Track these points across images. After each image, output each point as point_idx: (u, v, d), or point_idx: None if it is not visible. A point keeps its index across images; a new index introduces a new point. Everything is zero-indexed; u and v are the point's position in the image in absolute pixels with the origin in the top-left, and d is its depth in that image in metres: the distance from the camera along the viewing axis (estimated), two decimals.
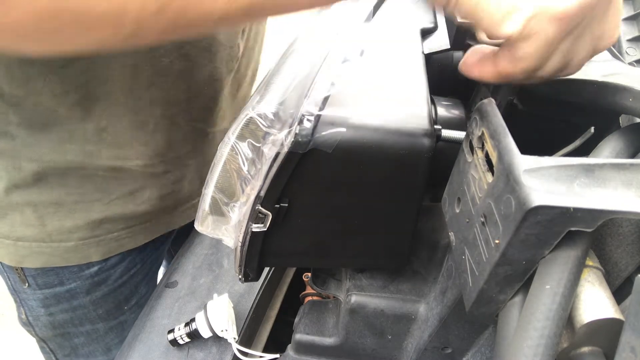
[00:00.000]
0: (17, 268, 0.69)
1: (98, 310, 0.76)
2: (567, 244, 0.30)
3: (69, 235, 0.67)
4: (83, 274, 0.72)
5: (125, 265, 0.76)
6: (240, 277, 0.50)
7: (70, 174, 0.63)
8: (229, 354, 0.62)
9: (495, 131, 0.34)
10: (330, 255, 0.51)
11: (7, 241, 0.66)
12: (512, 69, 0.38)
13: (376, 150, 0.41)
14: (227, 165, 0.44)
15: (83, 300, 0.74)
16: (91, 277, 0.72)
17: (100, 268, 0.73)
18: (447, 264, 0.52)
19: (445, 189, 0.44)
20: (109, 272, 0.74)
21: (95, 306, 0.76)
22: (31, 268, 0.69)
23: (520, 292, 0.33)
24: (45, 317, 0.75)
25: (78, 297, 0.73)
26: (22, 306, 0.75)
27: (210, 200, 0.45)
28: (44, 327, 0.76)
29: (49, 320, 0.75)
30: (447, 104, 0.55)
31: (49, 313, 0.74)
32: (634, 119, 0.43)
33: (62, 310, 0.74)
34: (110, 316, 0.78)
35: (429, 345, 0.52)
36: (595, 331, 0.30)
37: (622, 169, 0.30)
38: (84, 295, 0.73)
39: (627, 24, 0.74)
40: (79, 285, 0.72)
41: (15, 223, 0.64)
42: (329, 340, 0.58)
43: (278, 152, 0.41)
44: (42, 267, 0.69)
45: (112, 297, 0.77)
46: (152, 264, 0.84)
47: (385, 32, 0.61)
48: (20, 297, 0.74)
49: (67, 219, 0.66)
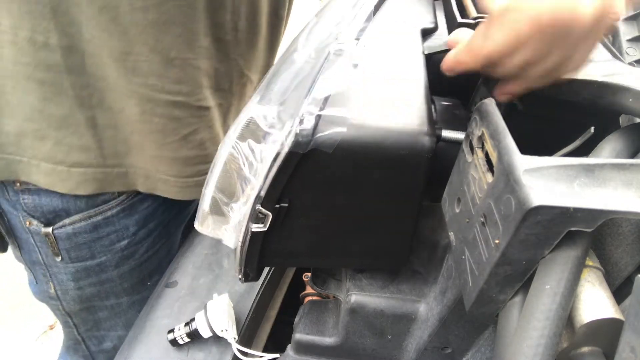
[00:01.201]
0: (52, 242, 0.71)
1: (124, 284, 0.79)
2: (567, 244, 0.30)
3: (122, 161, 0.68)
4: (114, 247, 0.74)
5: (152, 240, 0.79)
6: (240, 277, 0.50)
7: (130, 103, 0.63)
8: (229, 354, 0.62)
9: (495, 131, 0.34)
10: (330, 255, 0.51)
11: (60, 167, 0.65)
12: (479, 49, 0.40)
13: (376, 151, 0.42)
14: (228, 165, 0.44)
15: (111, 273, 0.76)
16: (121, 251, 0.75)
17: (130, 242, 0.75)
18: (447, 264, 0.52)
19: (445, 189, 0.44)
20: (137, 246, 0.77)
21: (122, 280, 0.78)
22: (65, 242, 0.71)
23: (520, 292, 0.33)
24: (74, 291, 0.77)
25: (107, 271, 0.75)
26: (52, 280, 0.76)
27: (210, 200, 0.45)
28: (72, 300, 0.78)
29: (77, 294, 0.77)
30: (447, 104, 0.55)
31: (78, 287, 0.76)
32: (634, 119, 0.44)
33: (91, 284, 0.76)
34: (134, 290, 0.81)
35: (429, 345, 0.53)
36: (595, 331, 0.30)
37: (622, 169, 0.30)
38: (113, 268, 0.76)
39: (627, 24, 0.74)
40: (109, 258, 0.74)
41: (73, 148, 0.65)
42: (329, 340, 0.58)
43: (278, 152, 0.41)
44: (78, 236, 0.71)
45: (138, 272, 0.79)
46: (175, 241, 0.86)
47: (386, 32, 0.61)
48: (50, 272, 0.76)
49: (122, 144, 0.67)
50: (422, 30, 0.62)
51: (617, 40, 0.73)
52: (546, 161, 0.30)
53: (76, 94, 0.61)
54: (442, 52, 0.61)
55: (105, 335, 0.84)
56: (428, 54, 0.59)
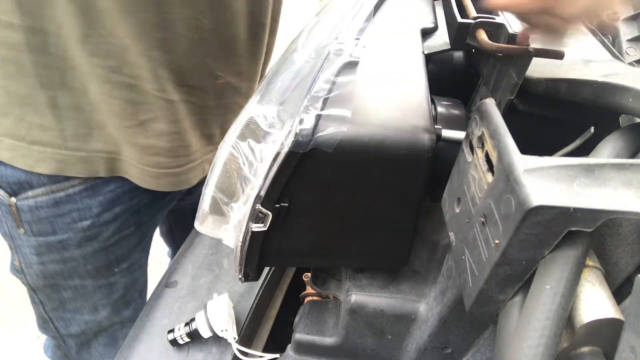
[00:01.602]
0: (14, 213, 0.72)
1: (87, 265, 0.78)
2: (567, 244, 0.30)
3: (83, 145, 0.69)
4: (76, 225, 0.74)
5: (118, 225, 0.78)
6: (240, 277, 0.50)
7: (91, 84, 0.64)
8: (229, 354, 0.62)
9: (495, 131, 0.34)
10: (330, 255, 0.51)
11: (21, 144, 0.67)
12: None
13: (377, 150, 0.42)
14: (228, 165, 0.44)
15: (74, 252, 0.76)
16: (83, 231, 0.75)
17: (93, 223, 0.75)
18: (447, 264, 0.52)
19: (445, 189, 0.44)
20: (101, 229, 0.76)
21: (85, 261, 0.78)
22: (27, 214, 0.72)
23: (520, 292, 0.33)
24: (37, 266, 0.77)
25: (69, 249, 0.76)
26: (17, 252, 0.78)
27: (210, 199, 0.45)
28: (36, 275, 0.79)
29: (40, 269, 0.77)
30: (447, 104, 0.55)
31: (41, 262, 0.76)
32: (634, 119, 0.44)
33: (53, 261, 0.76)
34: (99, 274, 0.80)
35: (429, 345, 0.53)
36: (595, 331, 0.30)
37: (622, 169, 0.30)
38: (75, 247, 0.76)
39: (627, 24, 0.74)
40: (71, 237, 0.75)
41: (33, 126, 0.66)
42: (329, 340, 0.58)
43: (278, 151, 0.41)
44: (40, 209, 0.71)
45: (103, 256, 0.79)
46: (147, 232, 0.86)
47: (386, 32, 0.61)
48: (15, 243, 0.77)
49: (83, 126, 0.68)
50: (422, 30, 0.62)
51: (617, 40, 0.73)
52: (546, 161, 0.30)
53: (38, 73, 0.62)
54: (442, 52, 0.61)
55: (72, 318, 0.85)
56: (428, 54, 0.59)
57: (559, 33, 0.45)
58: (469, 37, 0.56)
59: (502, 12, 0.55)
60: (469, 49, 0.64)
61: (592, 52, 0.59)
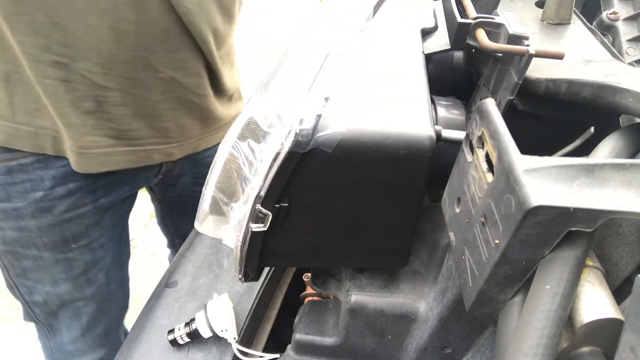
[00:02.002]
0: None
1: (43, 238, 0.82)
2: (567, 244, 0.30)
3: (31, 120, 0.72)
4: (29, 195, 0.78)
5: (73, 201, 0.81)
6: (240, 277, 0.50)
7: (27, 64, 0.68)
8: (229, 354, 0.62)
9: (495, 131, 0.34)
10: (330, 255, 0.51)
11: None
12: None
13: (377, 150, 0.41)
14: (228, 165, 0.44)
15: (29, 222, 0.80)
16: (36, 202, 0.78)
17: (46, 195, 0.78)
18: (447, 264, 0.52)
19: (445, 189, 0.44)
20: (54, 202, 0.79)
21: (41, 233, 0.81)
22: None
23: (520, 292, 0.33)
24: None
25: (24, 218, 0.80)
26: None
27: (210, 200, 0.45)
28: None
29: (0, 234, 0.82)
30: (447, 104, 0.55)
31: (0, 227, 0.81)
32: (634, 119, 0.44)
33: (11, 228, 0.81)
34: (56, 248, 0.84)
35: (429, 345, 0.53)
36: (595, 331, 0.30)
37: (622, 169, 0.30)
38: (29, 218, 0.80)
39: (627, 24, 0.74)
40: (25, 206, 0.78)
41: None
42: (329, 340, 0.58)
43: (278, 151, 0.41)
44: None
45: (58, 230, 0.82)
46: (105, 213, 0.88)
47: (386, 32, 0.61)
48: None
49: (32, 102, 0.71)
50: (422, 30, 0.62)
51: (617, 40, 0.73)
52: (546, 161, 0.30)
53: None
54: (442, 52, 0.61)
55: (34, 286, 0.88)
56: (428, 54, 0.59)
57: None
58: (469, 37, 0.56)
59: (502, 12, 0.55)
60: (469, 49, 0.64)
61: (592, 52, 0.59)
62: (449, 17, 0.62)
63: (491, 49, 0.51)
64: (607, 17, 0.76)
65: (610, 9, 0.77)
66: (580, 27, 0.67)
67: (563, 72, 0.50)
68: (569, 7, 0.68)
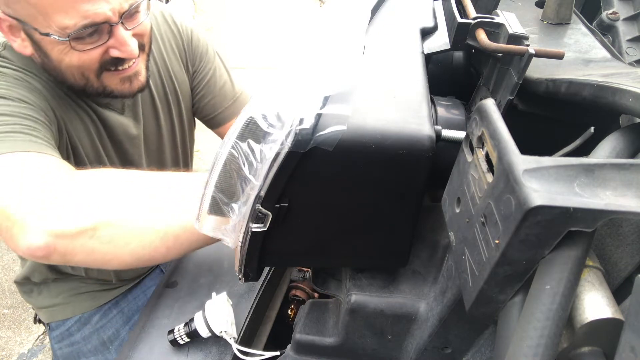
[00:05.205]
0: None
1: (87, 345, 1.07)
2: (567, 244, 0.30)
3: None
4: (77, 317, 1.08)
5: (102, 312, 1.09)
6: (241, 277, 0.50)
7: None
8: (229, 354, 0.62)
9: (495, 131, 0.34)
10: (330, 255, 0.51)
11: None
12: None
13: (377, 150, 0.41)
14: (227, 165, 0.44)
15: (76, 337, 1.08)
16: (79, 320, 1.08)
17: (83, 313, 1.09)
18: (447, 264, 0.52)
19: (445, 189, 0.44)
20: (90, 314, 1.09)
21: (85, 342, 1.07)
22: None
23: (520, 292, 0.33)
24: (58, 351, 1.10)
25: (73, 335, 1.08)
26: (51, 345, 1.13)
27: (210, 200, 0.45)
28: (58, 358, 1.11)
29: (60, 353, 1.09)
30: (447, 104, 0.55)
31: (59, 348, 1.09)
32: (634, 119, 0.44)
33: (66, 345, 1.08)
34: (97, 351, 1.07)
35: (429, 345, 0.52)
36: (595, 331, 0.30)
37: (622, 169, 0.30)
38: (76, 332, 1.07)
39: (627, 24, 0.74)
40: (72, 324, 1.08)
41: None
42: (329, 340, 0.58)
43: (278, 151, 0.41)
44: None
45: (97, 336, 1.07)
46: (131, 316, 1.11)
47: (385, 33, 0.61)
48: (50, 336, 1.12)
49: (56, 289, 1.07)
50: (422, 30, 0.62)
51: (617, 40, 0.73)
52: (546, 161, 0.30)
53: None
54: (442, 52, 0.61)
55: None
56: (428, 54, 0.59)
57: None
58: (469, 37, 0.56)
59: (502, 12, 0.55)
60: (469, 49, 0.64)
61: (592, 52, 0.59)
62: (449, 17, 0.62)
63: (491, 49, 0.51)
64: (607, 17, 0.76)
65: (610, 9, 0.77)
66: (580, 27, 0.67)
67: (563, 72, 0.50)
68: (569, 7, 0.68)
